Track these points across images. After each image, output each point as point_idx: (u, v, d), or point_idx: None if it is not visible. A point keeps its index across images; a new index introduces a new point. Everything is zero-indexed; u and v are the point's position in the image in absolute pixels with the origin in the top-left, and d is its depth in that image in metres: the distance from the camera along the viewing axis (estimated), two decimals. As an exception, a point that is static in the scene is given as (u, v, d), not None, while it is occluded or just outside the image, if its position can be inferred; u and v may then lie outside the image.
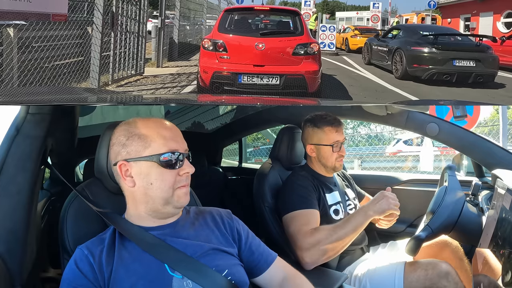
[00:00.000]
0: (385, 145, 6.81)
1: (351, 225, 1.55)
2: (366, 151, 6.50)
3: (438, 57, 5.59)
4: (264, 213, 1.75)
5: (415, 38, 6.09)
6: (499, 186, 1.49)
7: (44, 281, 1.76)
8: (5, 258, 1.13)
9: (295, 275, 1.24)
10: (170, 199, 1.07)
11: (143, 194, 1.08)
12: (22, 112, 1.26)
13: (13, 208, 1.18)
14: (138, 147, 1.07)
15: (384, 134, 6.79)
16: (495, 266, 1.22)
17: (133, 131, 1.09)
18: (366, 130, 6.89)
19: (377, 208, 1.55)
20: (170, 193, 1.07)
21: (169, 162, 1.06)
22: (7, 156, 1.20)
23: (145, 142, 1.07)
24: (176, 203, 1.09)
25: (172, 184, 1.07)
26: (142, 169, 1.07)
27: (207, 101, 2.69)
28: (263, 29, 5.64)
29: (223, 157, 3.47)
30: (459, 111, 1.81)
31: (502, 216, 1.31)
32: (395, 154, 6.68)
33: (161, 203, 1.08)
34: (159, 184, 1.06)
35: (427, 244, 1.56)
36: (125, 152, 1.08)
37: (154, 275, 1.05)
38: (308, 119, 1.82)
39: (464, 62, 5.50)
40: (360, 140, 6.97)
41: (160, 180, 1.06)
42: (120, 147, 1.09)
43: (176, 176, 1.07)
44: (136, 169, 1.07)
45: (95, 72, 4.77)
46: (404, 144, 6.94)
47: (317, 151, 1.78)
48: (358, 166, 6.21)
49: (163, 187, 1.06)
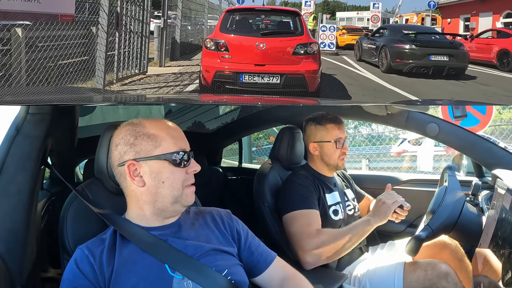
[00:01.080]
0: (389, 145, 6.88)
1: (354, 232, 1.59)
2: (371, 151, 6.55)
3: (417, 53, 6.43)
4: (264, 213, 1.75)
5: (398, 36, 6.90)
6: (499, 186, 1.49)
7: (44, 281, 1.76)
8: (5, 258, 1.13)
9: (295, 275, 1.24)
10: (179, 197, 1.09)
11: (153, 193, 1.08)
12: (22, 112, 1.26)
13: (13, 208, 1.18)
14: (148, 146, 1.08)
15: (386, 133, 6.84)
16: (495, 266, 1.22)
17: (141, 130, 1.10)
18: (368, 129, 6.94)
19: (378, 215, 1.59)
20: (180, 191, 1.09)
21: (179, 161, 1.09)
22: (7, 156, 1.20)
23: (155, 142, 1.08)
24: (184, 202, 1.11)
25: (182, 182, 1.09)
26: (153, 168, 1.08)
27: (207, 101, 2.69)
28: (264, 29, 5.77)
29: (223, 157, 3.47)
30: (459, 111, 1.81)
31: (502, 216, 1.31)
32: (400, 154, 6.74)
33: (171, 201, 1.09)
34: (171, 182, 1.08)
35: (426, 244, 1.56)
36: (134, 152, 1.08)
37: (154, 276, 1.05)
38: (310, 118, 1.84)
39: (439, 57, 6.41)
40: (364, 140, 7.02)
41: (172, 178, 1.08)
42: (127, 147, 1.09)
43: (185, 175, 1.10)
44: (146, 168, 1.08)
45: (100, 71, 4.82)
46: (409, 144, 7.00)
47: (320, 149, 1.79)
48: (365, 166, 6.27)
49: (175, 185, 1.08)
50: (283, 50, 4.61)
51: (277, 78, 4.49)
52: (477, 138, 1.86)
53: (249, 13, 5.62)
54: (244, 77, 4.50)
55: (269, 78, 4.50)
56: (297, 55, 4.59)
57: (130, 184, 1.09)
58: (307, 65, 4.58)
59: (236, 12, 5.29)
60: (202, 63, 4.80)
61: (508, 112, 6.10)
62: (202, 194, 1.42)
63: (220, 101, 2.77)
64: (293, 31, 5.07)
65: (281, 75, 4.49)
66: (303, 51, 4.59)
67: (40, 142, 1.27)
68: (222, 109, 3.16)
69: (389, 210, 1.58)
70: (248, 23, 5.38)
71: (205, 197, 1.44)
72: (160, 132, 1.10)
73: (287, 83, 4.49)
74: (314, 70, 4.61)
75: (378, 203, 1.61)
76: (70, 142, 1.91)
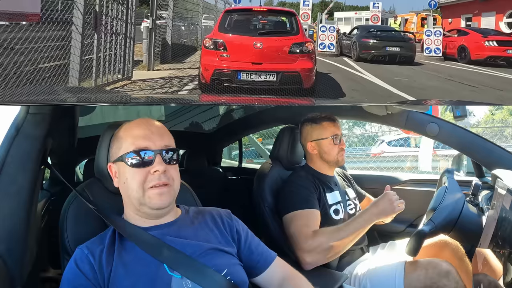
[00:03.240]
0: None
1: (353, 228, 1.56)
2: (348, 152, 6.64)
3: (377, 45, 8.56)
4: (264, 213, 1.75)
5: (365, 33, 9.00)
6: (499, 186, 1.49)
7: (44, 281, 1.77)
8: (5, 258, 1.13)
9: (295, 275, 1.24)
10: (142, 200, 1.07)
11: (126, 195, 1.11)
12: (22, 112, 1.26)
13: (13, 208, 1.18)
14: (116, 148, 1.13)
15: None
16: (495, 266, 1.22)
17: (116, 133, 1.14)
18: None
19: (380, 211, 1.56)
20: (140, 193, 1.07)
21: (135, 161, 1.07)
22: (7, 156, 1.20)
23: (119, 143, 1.12)
24: (149, 204, 1.07)
25: (141, 184, 1.06)
26: (119, 170, 1.11)
27: (207, 101, 2.69)
28: (261, 29, 5.90)
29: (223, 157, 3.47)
30: (459, 111, 1.81)
31: (502, 216, 1.31)
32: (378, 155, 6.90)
33: (137, 203, 1.09)
34: (129, 183, 1.08)
35: (427, 244, 1.56)
36: (110, 154, 1.14)
37: (153, 275, 1.05)
38: (305, 119, 1.85)
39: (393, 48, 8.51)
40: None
41: (130, 179, 1.08)
42: (109, 149, 1.16)
43: (147, 175, 1.07)
44: (115, 170, 1.12)
45: (74, 78, 4.48)
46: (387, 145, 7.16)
47: (318, 147, 1.79)
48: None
49: (133, 186, 1.07)
50: (279, 49, 4.78)
51: (273, 76, 4.66)
52: (477, 138, 1.86)
53: (246, 13, 5.80)
54: (242, 75, 4.66)
55: (266, 76, 4.66)
56: (293, 54, 4.76)
57: None
58: (303, 63, 4.76)
59: (234, 13, 5.49)
60: (201, 61, 4.96)
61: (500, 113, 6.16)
62: (202, 194, 1.42)
63: (219, 101, 2.78)
64: (289, 31, 5.25)
65: (278, 73, 4.66)
66: (298, 50, 4.77)
67: (40, 142, 1.27)
68: (222, 109, 3.16)
69: (392, 211, 1.55)
70: (245, 23, 5.55)
71: (205, 197, 1.44)
72: (125, 133, 1.12)
73: (283, 80, 4.66)
74: (309, 68, 4.79)
75: (383, 199, 1.57)
76: (70, 142, 1.92)
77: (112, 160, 1.13)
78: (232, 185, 3.13)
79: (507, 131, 5.66)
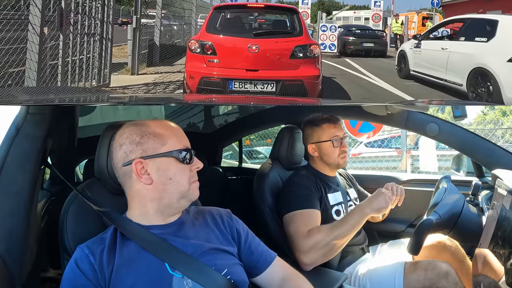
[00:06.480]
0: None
1: (348, 224, 1.55)
2: None
3: (356, 42, 10.28)
4: (264, 213, 1.75)
5: (346, 31, 10.71)
6: (499, 186, 1.49)
7: (44, 281, 1.76)
8: (5, 258, 1.13)
9: (295, 275, 1.24)
10: (186, 193, 1.12)
11: (159, 190, 1.10)
12: (22, 112, 1.26)
13: (13, 208, 1.18)
14: (155, 144, 1.11)
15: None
16: (495, 267, 1.22)
17: (147, 130, 1.13)
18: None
19: (374, 206, 1.54)
20: (187, 187, 1.12)
21: (185, 158, 1.12)
22: (7, 156, 1.20)
23: (162, 140, 1.11)
24: (191, 196, 1.14)
25: (188, 178, 1.13)
26: (161, 165, 1.10)
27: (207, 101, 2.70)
28: (257, 29, 5.12)
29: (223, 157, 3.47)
30: (459, 111, 1.81)
31: (502, 216, 1.31)
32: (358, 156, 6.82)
33: (177, 197, 1.12)
34: (179, 178, 1.11)
35: (426, 246, 1.55)
36: (141, 150, 1.10)
37: (154, 274, 1.05)
38: (306, 121, 1.85)
39: (368, 44, 10.25)
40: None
41: (179, 174, 1.11)
42: (133, 145, 1.11)
43: (190, 171, 1.13)
44: (153, 166, 1.10)
45: None
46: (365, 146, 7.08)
47: (318, 150, 1.79)
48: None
49: (182, 181, 1.11)
50: (279, 53, 4.08)
51: (272, 85, 3.96)
52: (477, 138, 1.86)
53: (240, 10, 5.04)
54: (234, 85, 3.96)
55: (263, 85, 3.96)
56: (295, 59, 4.06)
57: (136, 182, 1.10)
58: (307, 70, 4.05)
59: (226, 10, 4.69)
60: (186, 68, 4.22)
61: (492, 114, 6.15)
62: (202, 194, 1.42)
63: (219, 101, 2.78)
64: (290, 31, 4.51)
65: (277, 82, 3.95)
66: (302, 54, 4.07)
67: (40, 142, 1.27)
68: (223, 109, 3.16)
69: (386, 205, 1.54)
70: (239, 22, 4.84)
71: (205, 197, 1.43)
72: (165, 131, 1.13)
73: (284, 91, 3.95)
74: (315, 75, 4.08)
75: (377, 193, 1.57)
76: (70, 142, 1.92)
77: (145, 156, 1.09)
78: (232, 185, 3.13)
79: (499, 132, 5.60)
